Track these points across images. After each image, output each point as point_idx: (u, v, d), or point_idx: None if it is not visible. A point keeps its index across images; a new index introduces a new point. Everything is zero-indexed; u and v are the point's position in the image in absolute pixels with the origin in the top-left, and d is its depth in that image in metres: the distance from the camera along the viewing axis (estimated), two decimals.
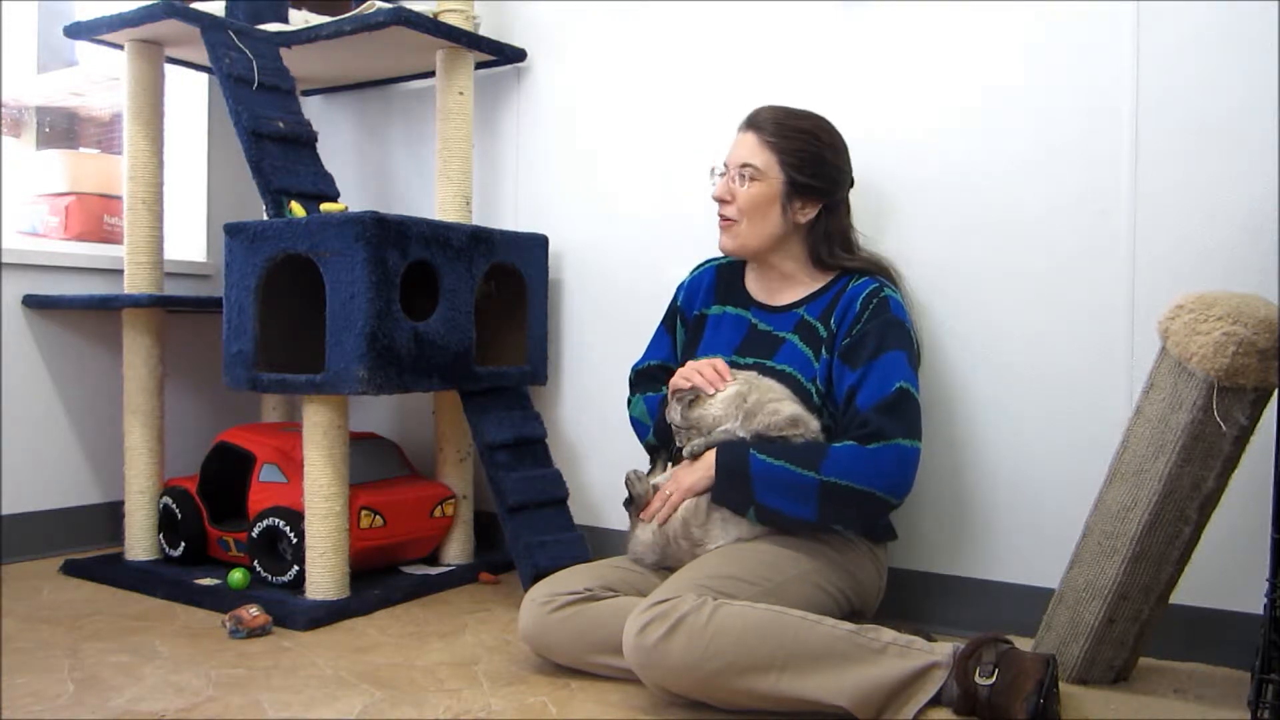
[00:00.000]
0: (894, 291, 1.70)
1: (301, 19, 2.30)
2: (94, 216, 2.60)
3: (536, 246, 2.25)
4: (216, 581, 2.04)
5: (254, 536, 2.04)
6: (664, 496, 1.66)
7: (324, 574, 1.92)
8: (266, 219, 1.96)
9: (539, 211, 2.40)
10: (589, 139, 2.33)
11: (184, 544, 2.16)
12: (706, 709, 1.44)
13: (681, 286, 1.93)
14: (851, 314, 1.66)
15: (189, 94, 2.70)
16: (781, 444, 1.59)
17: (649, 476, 1.74)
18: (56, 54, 2.87)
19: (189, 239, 2.73)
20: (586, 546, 2.05)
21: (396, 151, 2.66)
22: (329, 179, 2.09)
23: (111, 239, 2.59)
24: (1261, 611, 1.33)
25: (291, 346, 2.01)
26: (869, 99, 1.96)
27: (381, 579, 2.08)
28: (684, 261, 1.99)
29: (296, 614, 1.84)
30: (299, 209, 1.96)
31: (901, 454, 1.55)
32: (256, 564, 2.03)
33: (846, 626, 1.41)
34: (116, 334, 2.30)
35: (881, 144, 1.93)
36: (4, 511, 2.27)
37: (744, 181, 1.72)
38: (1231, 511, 1.52)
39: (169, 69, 2.31)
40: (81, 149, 2.89)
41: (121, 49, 2.21)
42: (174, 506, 2.19)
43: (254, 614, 1.78)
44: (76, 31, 2.19)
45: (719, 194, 1.76)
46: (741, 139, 1.75)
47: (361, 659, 1.67)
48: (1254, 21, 1.63)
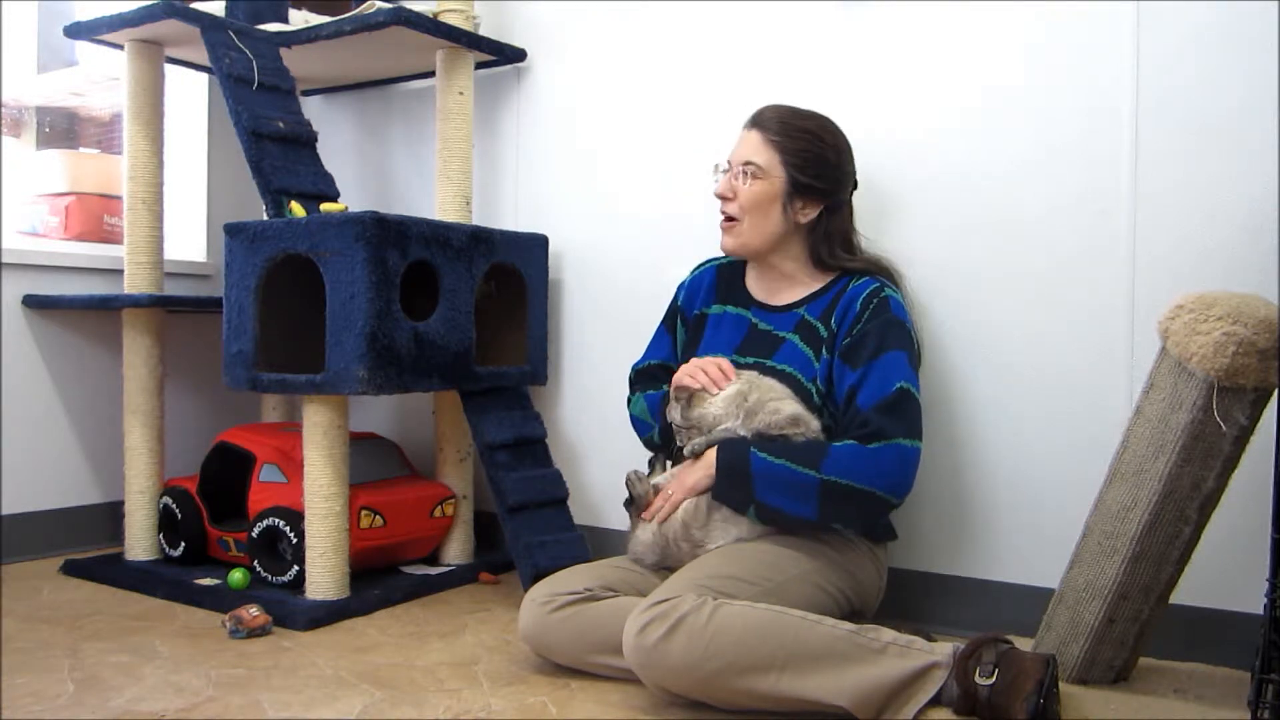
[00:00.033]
0: (895, 292, 1.70)
1: (301, 19, 2.30)
2: (94, 216, 2.60)
3: (536, 246, 2.25)
4: (216, 581, 2.04)
5: (254, 536, 2.04)
6: (666, 495, 1.66)
7: (324, 574, 1.92)
8: (266, 219, 1.96)
9: (539, 211, 2.40)
10: (589, 139, 2.33)
11: (184, 544, 2.16)
12: (706, 709, 1.44)
13: (682, 286, 1.93)
14: (852, 314, 1.66)
15: (189, 94, 2.70)
16: (782, 443, 1.59)
17: (649, 477, 1.74)
18: (56, 54, 2.87)
19: (189, 239, 2.73)
20: (586, 546, 2.05)
21: (396, 151, 2.66)
22: (329, 179, 2.09)
23: (111, 239, 2.59)
24: (1261, 611, 1.33)
25: (291, 346, 2.02)
26: (869, 99, 1.96)
27: (381, 579, 2.08)
28: (684, 261, 1.99)
29: (296, 614, 1.84)
30: (299, 209, 1.96)
31: (902, 454, 1.55)
32: (256, 564, 2.03)
33: (846, 626, 1.41)
34: (116, 334, 2.30)
35: (881, 144, 1.92)
36: (4, 511, 2.27)
37: (746, 179, 1.72)
38: (1231, 511, 1.52)
39: (169, 69, 2.31)
40: (81, 149, 2.89)
41: (121, 49, 2.21)
42: (174, 506, 2.19)
43: (254, 614, 1.78)
44: (76, 31, 2.19)
45: (721, 191, 1.76)
46: (745, 137, 1.75)
47: (361, 659, 1.67)
48: (1254, 21, 1.63)
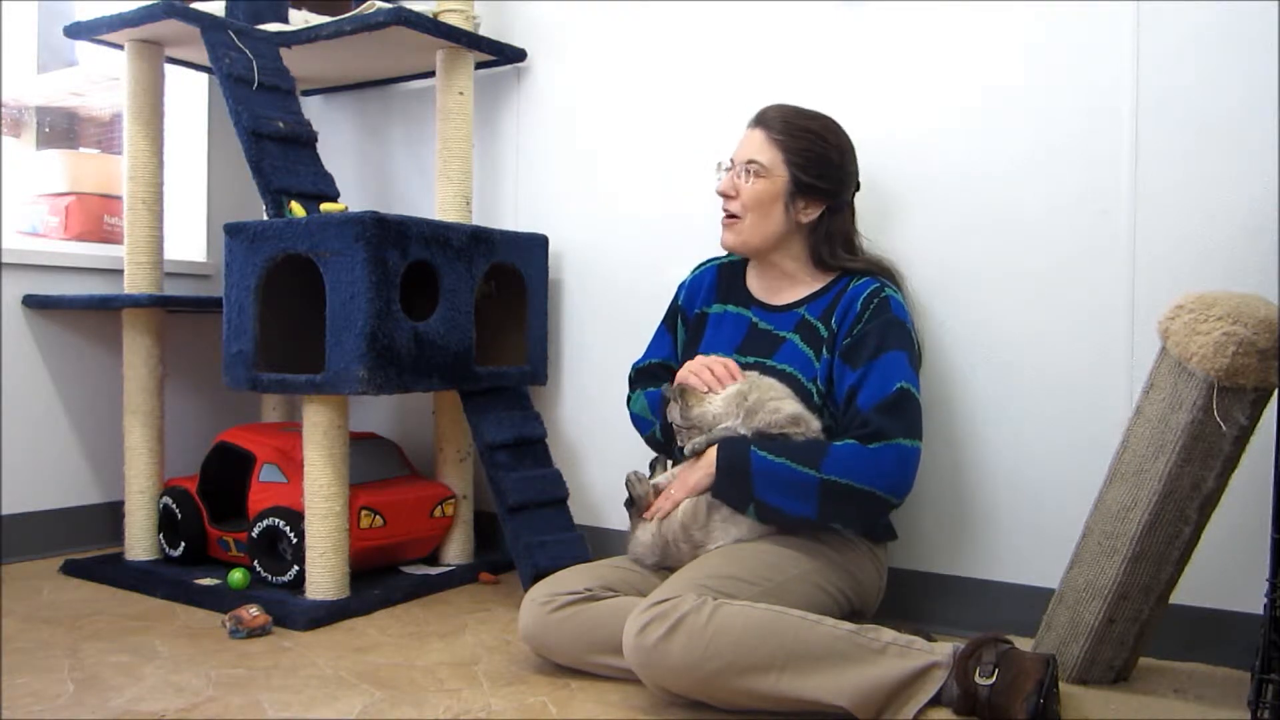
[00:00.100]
0: (895, 292, 1.70)
1: (301, 19, 2.30)
2: (94, 216, 2.60)
3: (536, 246, 2.25)
4: (216, 581, 2.04)
5: (254, 536, 2.04)
6: (668, 495, 1.66)
7: (324, 574, 1.92)
8: (266, 219, 1.96)
9: (539, 211, 2.40)
10: (589, 139, 2.33)
11: (184, 544, 2.16)
12: (706, 709, 1.44)
13: (683, 285, 1.93)
14: (852, 314, 1.66)
15: (189, 94, 2.70)
16: (782, 441, 1.59)
17: (650, 478, 1.74)
18: (56, 54, 2.87)
19: (189, 239, 2.73)
20: (586, 546, 2.05)
21: (396, 151, 2.66)
22: (329, 179, 2.09)
23: (111, 239, 2.59)
24: (1261, 611, 1.33)
25: (291, 346, 2.02)
26: (869, 99, 1.96)
27: (381, 579, 2.08)
28: (684, 261, 1.99)
29: (296, 614, 1.84)
30: (299, 209, 1.96)
31: (902, 454, 1.55)
32: (256, 564, 2.03)
33: (846, 626, 1.41)
34: (116, 334, 2.30)
35: (881, 144, 1.92)
36: (4, 511, 2.27)
37: (749, 177, 1.72)
38: (1231, 511, 1.52)
39: (169, 69, 2.31)
40: (81, 149, 2.89)
41: (121, 49, 2.21)
42: (174, 506, 2.19)
43: (254, 614, 1.78)
44: (76, 31, 2.19)
45: (723, 188, 1.76)
46: (749, 135, 1.76)
47: (361, 659, 1.67)
48: (1254, 21, 1.63)
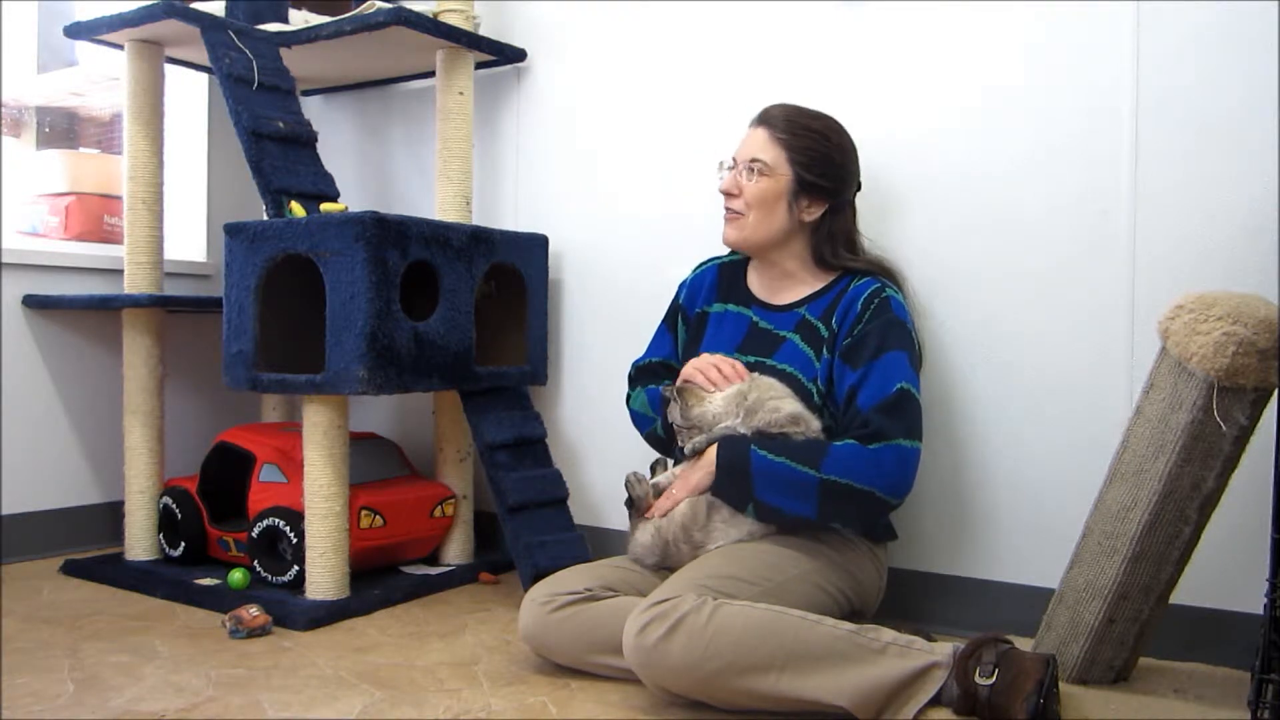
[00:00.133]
0: (896, 292, 1.70)
1: (301, 19, 2.30)
2: (94, 216, 2.60)
3: (536, 246, 2.25)
4: (216, 581, 2.04)
5: (254, 536, 2.04)
6: (670, 494, 1.66)
7: (324, 574, 1.92)
8: (266, 219, 1.96)
9: (539, 211, 2.40)
10: (589, 139, 2.33)
11: (184, 544, 2.16)
12: (706, 709, 1.44)
13: (683, 284, 1.93)
14: (853, 314, 1.66)
15: (189, 94, 2.70)
16: (782, 441, 1.59)
17: (650, 479, 1.74)
18: (56, 54, 2.87)
19: (189, 239, 2.73)
20: (586, 546, 2.05)
21: (396, 151, 2.66)
22: (329, 179, 2.09)
23: (111, 239, 2.59)
24: (1261, 611, 1.33)
25: (291, 346, 2.02)
26: (869, 99, 1.96)
27: (381, 579, 2.08)
28: (684, 261, 1.99)
29: (296, 614, 1.84)
30: (299, 209, 1.96)
31: (902, 454, 1.55)
32: (256, 564, 2.03)
33: (846, 626, 1.41)
34: (116, 334, 2.30)
35: (882, 143, 1.92)
36: (4, 511, 2.27)
37: (752, 176, 1.72)
38: (1231, 511, 1.52)
39: (169, 69, 2.31)
40: (81, 149, 2.89)
41: (121, 49, 2.21)
42: (174, 506, 2.19)
43: (254, 614, 1.78)
44: (76, 31, 2.19)
45: (726, 187, 1.76)
46: (752, 134, 1.76)
47: (361, 659, 1.67)
48: (1254, 21, 1.63)
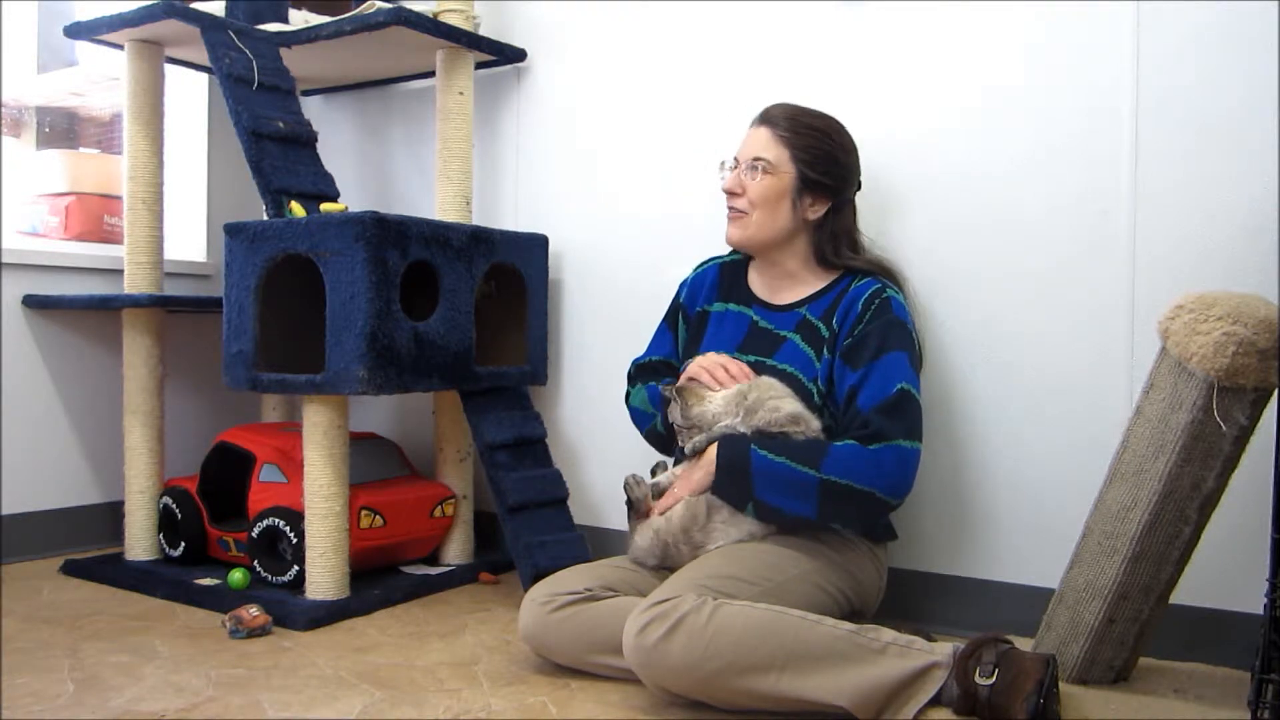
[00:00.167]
0: (896, 293, 1.70)
1: (301, 19, 2.30)
2: (94, 216, 2.60)
3: (536, 246, 2.25)
4: (216, 581, 2.04)
5: (254, 536, 2.04)
6: (672, 494, 1.66)
7: (324, 574, 1.92)
8: (266, 219, 1.96)
9: (539, 211, 2.40)
10: (589, 139, 2.33)
11: (184, 544, 2.16)
12: (706, 709, 1.44)
13: (684, 283, 1.93)
14: (853, 314, 1.66)
15: (189, 94, 2.70)
16: (782, 441, 1.59)
17: (650, 480, 1.74)
18: (56, 54, 2.87)
19: (189, 239, 2.73)
20: (586, 546, 2.05)
21: (396, 151, 2.66)
22: (329, 179, 2.09)
23: (111, 239, 2.59)
24: (1261, 611, 1.33)
25: (291, 346, 2.02)
26: (869, 99, 1.96)
27: (381, 579, 2.08)
28: (684, 261, 1.99)
29: (296, 614, 1.84)
30: (299, 209, 1.96)
31: (902, 455, 1.55)
32: (256, 564, 2.03)
33: (846, 626, 1.41)
34: (116, 334, 2.30)
35: (882, 143, 1.92)
36: (4, 511, 2.27)
37: (755, 174, 1.72)
38: (1231, 511, 1.52)
39: (169, 69, 2.31)
40: (81, 149, 2.89)
41: (121, 49, 2.21)
42: (174, 506, 2.19)
43: (254, 614, 1.78)
44: (76, 31, 2.19)
45: (729, 186, 1.76)
46: (754, 133, 1.75)
47: (361, 659, 1.67)
48: (1254, 21, 1.63)
